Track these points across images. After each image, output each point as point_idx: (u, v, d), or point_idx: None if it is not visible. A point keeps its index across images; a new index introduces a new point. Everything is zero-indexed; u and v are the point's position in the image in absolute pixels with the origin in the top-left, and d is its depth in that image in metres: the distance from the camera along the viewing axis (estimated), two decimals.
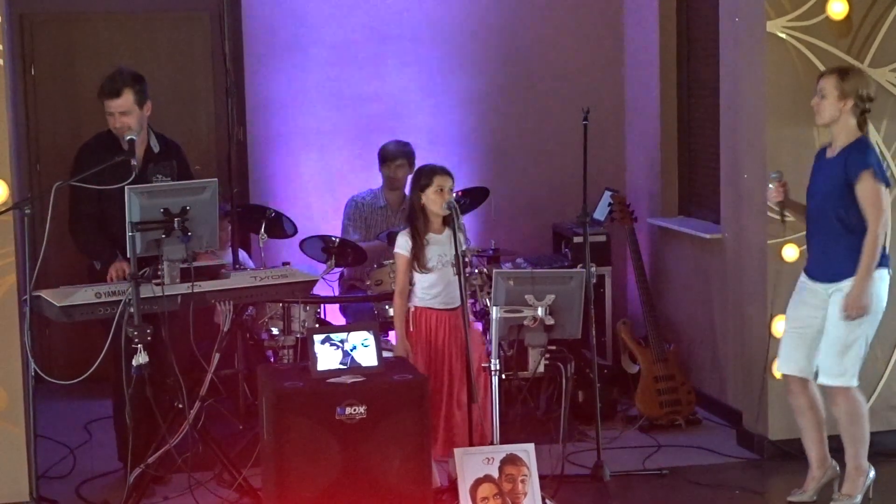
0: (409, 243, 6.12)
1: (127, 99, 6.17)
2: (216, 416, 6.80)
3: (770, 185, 6.04)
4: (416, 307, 6.17)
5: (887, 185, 5.80)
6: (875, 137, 6.61)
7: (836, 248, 5.81)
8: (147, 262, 5.63)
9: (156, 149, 6.35)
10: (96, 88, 6.28)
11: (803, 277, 6.02)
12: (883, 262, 5.82)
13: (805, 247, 6.44)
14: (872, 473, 5.98)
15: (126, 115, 6.17)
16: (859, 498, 5.94)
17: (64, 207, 6.06)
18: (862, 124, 5.84)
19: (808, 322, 5.93)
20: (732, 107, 7.14)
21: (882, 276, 5.83)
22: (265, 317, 7.15)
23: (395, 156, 7.79)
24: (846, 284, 5.77)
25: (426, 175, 6.15)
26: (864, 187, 5.71)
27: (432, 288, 6.11)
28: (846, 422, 5.89)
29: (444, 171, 6.14)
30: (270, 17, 8.32)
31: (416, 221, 6.14)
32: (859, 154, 5.77)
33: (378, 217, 7.79)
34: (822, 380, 5.88)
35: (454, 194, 6.16)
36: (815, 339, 5.91)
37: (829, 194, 5.81)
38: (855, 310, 5.74)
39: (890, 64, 6.66)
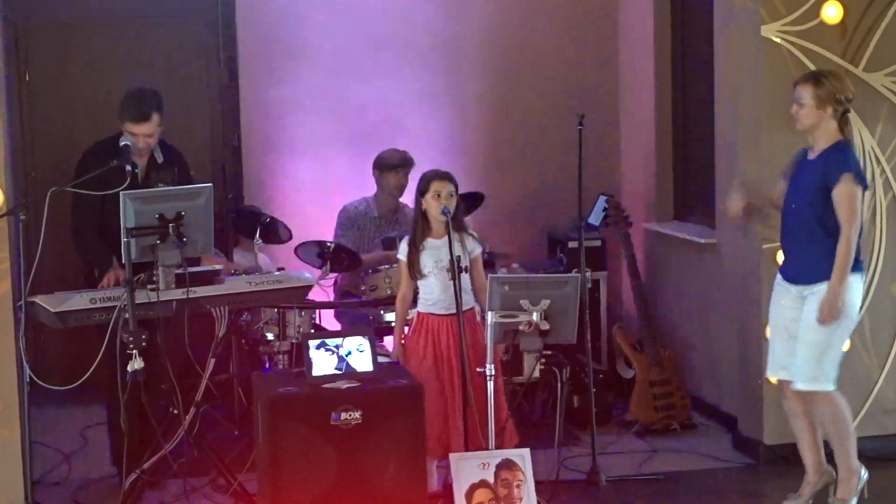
0: (407, 249, 6.13)
1: (154, 121, 6.21)
2: (211, 421, 6.80)
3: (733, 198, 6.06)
4: (419, 312, 6.18)
5: (865, 188, 5.80)
6: (870, 141, 6.62)
7: (813, 250, 5.79)
8: (143, 268, 5.63)
9: (159, 159, 6.37)
10: (90, 94, 6.30)
11: (778, 279, 6.02)
12: (857, 266, 5.80)
13: None
14: (865, 474, 5.96)
15: (150, 136, 6.23)
16: (854, 501, 5.92)
17: (59, 213, 6.04)
18: (843, 125, 5.83)
19: (787, 323, 5.92)
20: (727, 111, 7.14)
21: (856, 281, 5.81)
22: (260, 322, 7.14)
23: (404, 163, 7.70)
24: (821, 288, 5.75)
25: (425, 180, 6.16)
26: (841, 190, 5.70)
27: (430, 293, 6.11)
28: (829, 423, 5.88)
29: (441, 177, 6.13)
30: (265, 23, 8.32)
31: (416, 227, 6.14)
32: (839, 156, 5.76)
33: (370, 227, 7.76)
34: (799, 385, 5.85)
35: (453, 199, 6.14)
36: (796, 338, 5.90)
37: (810, 197, 5.80)
38: (829, 315, 5.73)
39: (885, 68, 6.66)
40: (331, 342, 5.71)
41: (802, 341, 5.83)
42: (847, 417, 5.90)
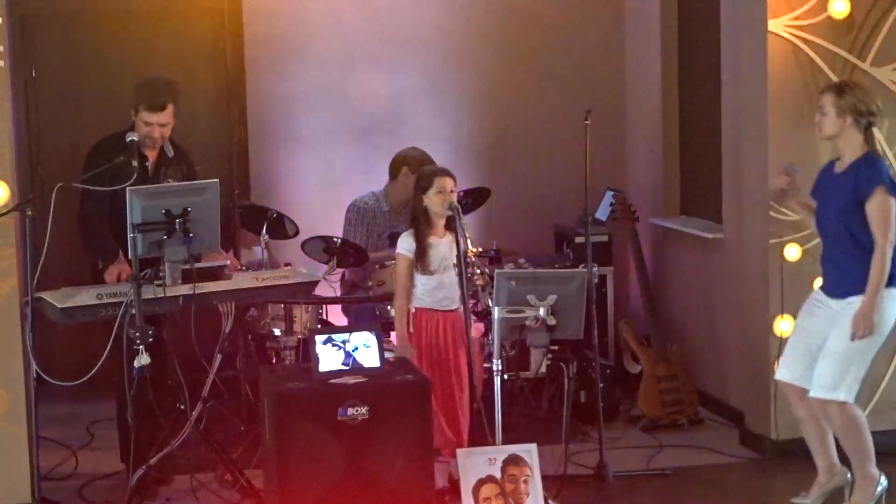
0: (413, 245, 6.11)
1: (169, 111, 6.19)
2: (218, 417, 6.80)
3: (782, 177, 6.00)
4: (416, 308, 6.17)
5: None
6: (877, 137, 6.59)
7: (850, 264, 5.69)
8: (149, 264, 5.63)
9: (169, 153, 6.36)
10: (96, 89, 6.29)
11: (817, 294, 5.93)
12: (891, 281, 5.67)
13: (807, 246, 6.46)
14: (884, 481, 5.86)
15: (165, 126, 6.20)
16: None
17: (65, 209, 6.04)
18: (868, 138, 5.74)
19: (815, 333, 5.84)
20: (734, 106, 7.13)
21: (890, 295, 5.68)
22: (267, 318, 7.14)
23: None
24: (856, 300, 5.65)
25: (426, 177, 6.15)
26: (875, 203, 5.60)
27: (435, 291, 6.11)
28: (843, 435, 5.79)
29: (443, 173, 6.14)
30: (271, 17, 8.32)
31: (419, 224, 6.13)
32: (870, 169, 5.66)
33: (381, 222, 7.74)
34: (815, 392, 5.75)
35: (454, 195, 6.13)
36: (819, 351, 5.78)
37: (843, 212, 5.70)
38: (863, 329, 5.63)
39: (892, 63, 6.65)
40: (337, 337, 5.72)
41: (829, 352, 5.72)
42: (862, 430, 5.76)
